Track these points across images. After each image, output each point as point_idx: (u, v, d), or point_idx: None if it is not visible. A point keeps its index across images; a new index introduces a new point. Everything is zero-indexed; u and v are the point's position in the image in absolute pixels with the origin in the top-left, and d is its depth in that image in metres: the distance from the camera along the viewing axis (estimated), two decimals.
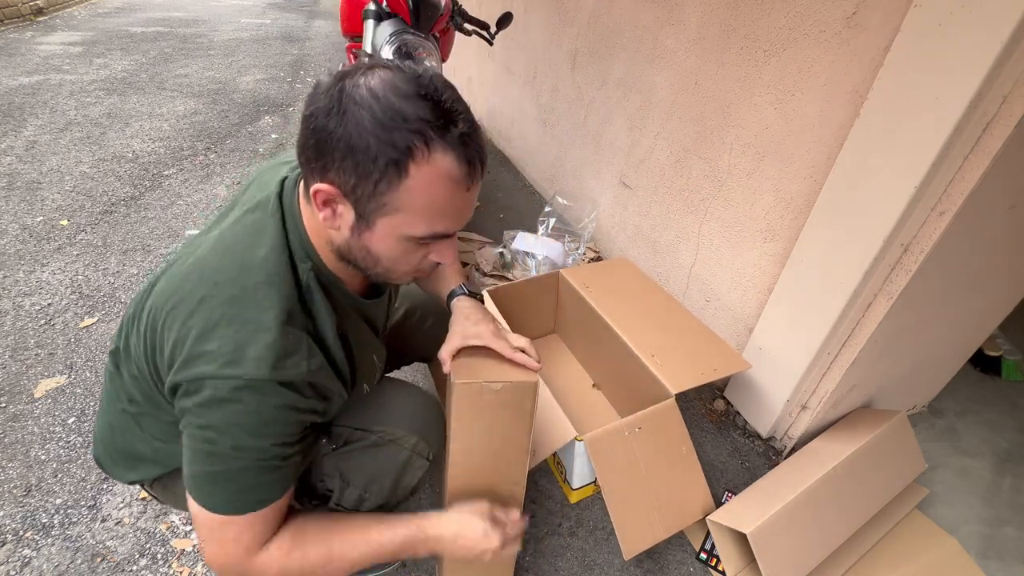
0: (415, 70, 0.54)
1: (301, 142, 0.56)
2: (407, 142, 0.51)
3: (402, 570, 1.11)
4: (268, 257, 0.60)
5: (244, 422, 0.57)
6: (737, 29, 1.29)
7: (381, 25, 1.61)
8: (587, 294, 1.41)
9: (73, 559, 1.09)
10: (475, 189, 0.59)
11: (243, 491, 0.60)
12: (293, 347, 0.58)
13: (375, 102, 0.51)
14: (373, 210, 0.55)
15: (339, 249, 0.62)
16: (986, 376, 1.79)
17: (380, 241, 0.59)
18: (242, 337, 0.56)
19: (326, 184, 0.55)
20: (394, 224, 0.57)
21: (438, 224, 0.58)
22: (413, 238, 0.58)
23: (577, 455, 1.17)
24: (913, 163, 0.93)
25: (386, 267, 0.63)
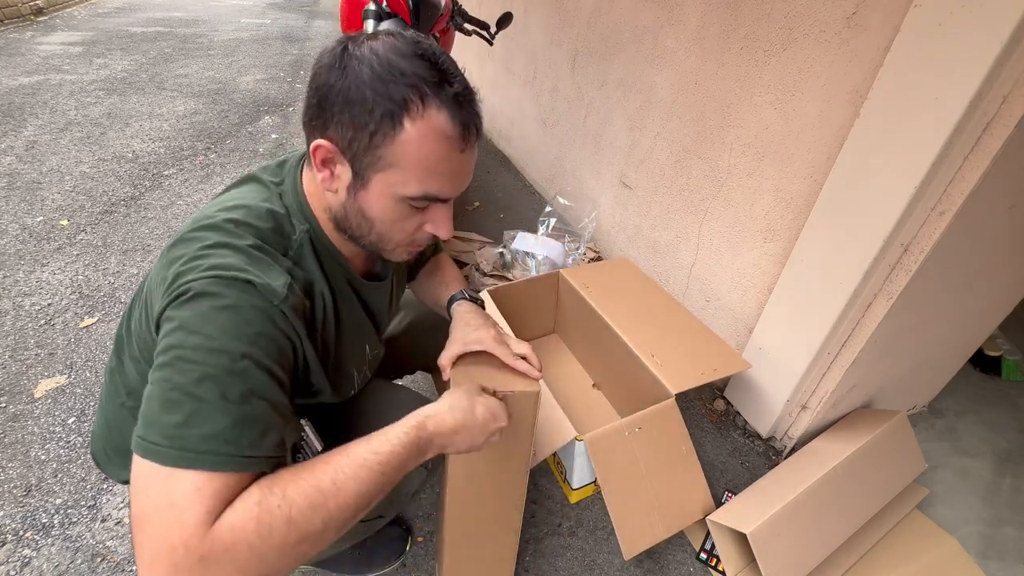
0: (416, 36, 0.57)
1: (306, 103, 0.58)
2: (403, 95, 0.53)
3: (402, 570, 1.11)
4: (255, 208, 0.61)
5: (212, 316, 0.50)
6: (737, 29, 1.29)
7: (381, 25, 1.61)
8: (587, 294, 1.41)
9: (73, 559, 1.09)
10: (469, 153, 0.59)
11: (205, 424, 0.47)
12: (273, 274, 0.56)
13: (374, 58, 0.53)
14: (368, 165, 0.56)
15: (336, 216, 0.63)
16: (986, 376, 1.79)
17: (375, 201, 0.59)
18: (218, 254, 0.54)
19: (325, 140, 0.56)
20: (389, 181, 0.57)
21: (432, 183, 0.58)
22: (407, 198, 0.58)
23: (577, 455, 1.17)
24: (913, 163, 0.93)
25: (380, 233, 0.62)
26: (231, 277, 0.52)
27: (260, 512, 0.46)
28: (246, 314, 0.51)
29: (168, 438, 0.46)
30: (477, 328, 0.79)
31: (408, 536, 1.15)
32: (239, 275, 0.52)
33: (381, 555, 1.10)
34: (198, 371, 0.48)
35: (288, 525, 0.47)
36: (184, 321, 0.50)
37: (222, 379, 0.48)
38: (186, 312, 0.51)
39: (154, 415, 0.48)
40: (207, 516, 0.44)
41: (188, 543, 0.42)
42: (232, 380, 0.49)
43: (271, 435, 0.51)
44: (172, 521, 0.43)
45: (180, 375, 0.48)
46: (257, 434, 0.49)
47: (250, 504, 0.46)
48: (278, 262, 0.58)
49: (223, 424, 0.47)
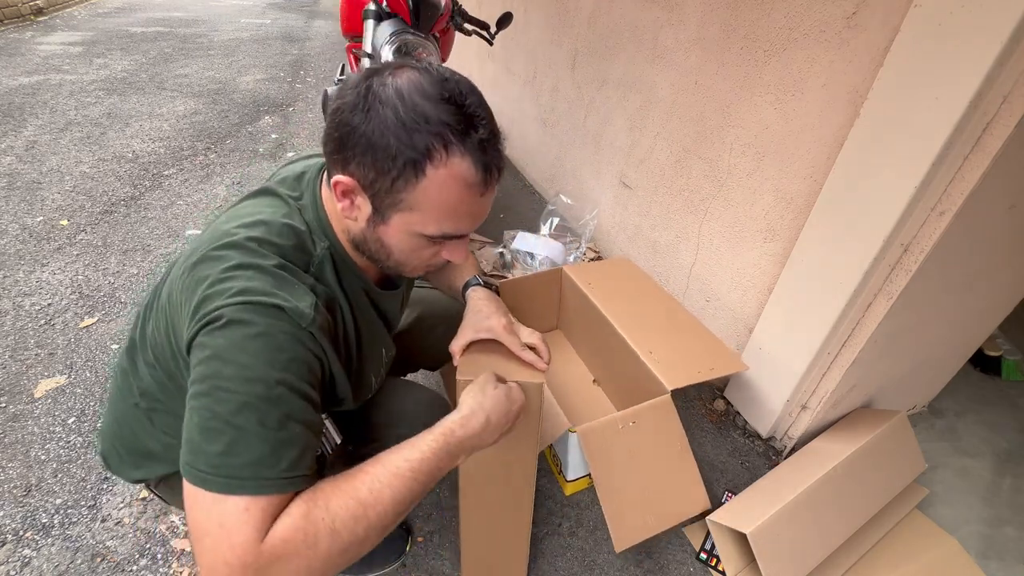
0: (442, 73, 0.56)
1: (327, 134, 0.57)
2: (426, 143, 0.53)
3: (402, 570, 1.11)
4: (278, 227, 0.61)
5: (247, 345, 0.52)
6: (737, 29, 1.29)
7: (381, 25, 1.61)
8: (589, 291, 1.42)
9: (73, 559, 1.09)
10: (490, 194, 0.60)
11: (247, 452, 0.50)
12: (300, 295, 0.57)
13: (399, 102, 0.52)
14: (389, 205, 0.57)
15: (354, 239, 0.64)
16: (986, 376, 1.79)
17: (393, 235, 0.60)
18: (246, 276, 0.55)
19: (346, 176, 0.56)
20: (407, 221, 0.58)
21: (449, 225, 0.59)
22: (424, 236, 0.60)
23: (571, 447, 1.18)
24: (913, 163, 0.93)
25: (398, 260, 0.64)
26: (260, 303, 0.53)
27: (306, 525, 0.50)
28: (278, 340, 0.53)
29: (213, 467, 0.49)
30: (488, 316, 0.80)
31: (408, 536, 1.15)
32: (268, 300, 0.53)
33: (381, 555, 1.10)
34: (236, 400, 0.50)
35: (332, 536, 0.51)
36: (218, 350, 0.52)
37: (259, 407, 0.51)
38: (219, 340, 0.52)
39: (197, 443, 0.51)
40: (256, 534, 0.48)
41: (242, 558, 0.47)
42: (269, 407, 0.51)
43: (308, 454, 0.54)
44: (224, 540, 0.47)
45: (219, 405, 0.51)
46: (295, 456, 0.52)
47: (297, 518, 0.50)
48: (302, 280, 0.59)
49: (263, 451, 0.50)
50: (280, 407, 0.52)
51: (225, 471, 0.49)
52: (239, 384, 0.51)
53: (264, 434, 0.51)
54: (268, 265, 0.57)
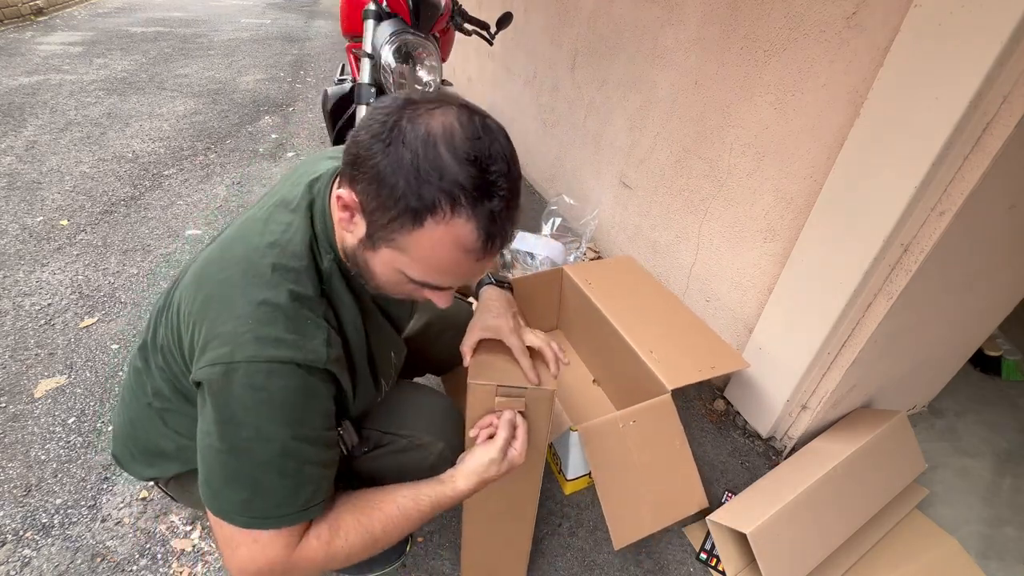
0: (480, 127, 0.52)
1: (346, 147, 0.56)
2: (433, 198, 0.50)
3: (402, 570, 1.11)
4: (289, 243, 0.61)
5: (261, 410, 0.55)
6: (737, 29, 1.29)
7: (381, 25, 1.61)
8: (589, 290, 1.42)
9: (73, 559, 1.09)
10: (488, 260, 0.57)
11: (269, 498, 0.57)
12: (312, 331, 0.59)
13: (421, 148, 0.49)
14: (381, 238, 0.56)
15: (346, 250, 0.63)
16: (986, 376, 1.79)
17: (379, 265, 0.59)
18: (258, 317, 0.56)
19: (349, 192, 0.56)
20: (395, 259, 0.57)
21: (435, 277, 0.58)
22: (405, 277, 0.59)
23: (572, 446, 1.18)
24: (913, 163, 0.93)
25: (379, 284, 0.63)
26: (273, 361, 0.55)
27: (328, 549, 0.62)
28: (291, 401, 0.57)
29: (239, 510, 0.58)
30: (496, 316, 0.80)
31: (408, 536, 1.15)
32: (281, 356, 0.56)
33: (381, 555, 1.09)
34: (255, 459, 0.57)
35: (347, 557, 0.64)
36: (233, 413, 0.56)
37: (277, 463, 0.57)
38: (232, 403, 0.56)
39: (219, 490, 0.58)
40: (286, 549, 0.59)
41: (274, 566, 0.59)
42: (286, 460, 0.58)
43: (324, 484, 0.62)
44: (259, 553, 0.58)
45: (238, 462, 0.57)
46: (313, 491, 0.60)
47: (321, 542, 0.62)
48: (315, 311, 0.60)
49: (283, 496, 0.58)
50: (297, 458, 0.58)
51: (250, 512, 0.57)
52: (257, 444, 0.56)
53: (284, 483, 0.58)
54: (282, 301, 0.57)
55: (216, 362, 0.55)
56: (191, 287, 0.61)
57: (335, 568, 0.64)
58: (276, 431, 0.56)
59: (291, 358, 0.56)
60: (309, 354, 0.57)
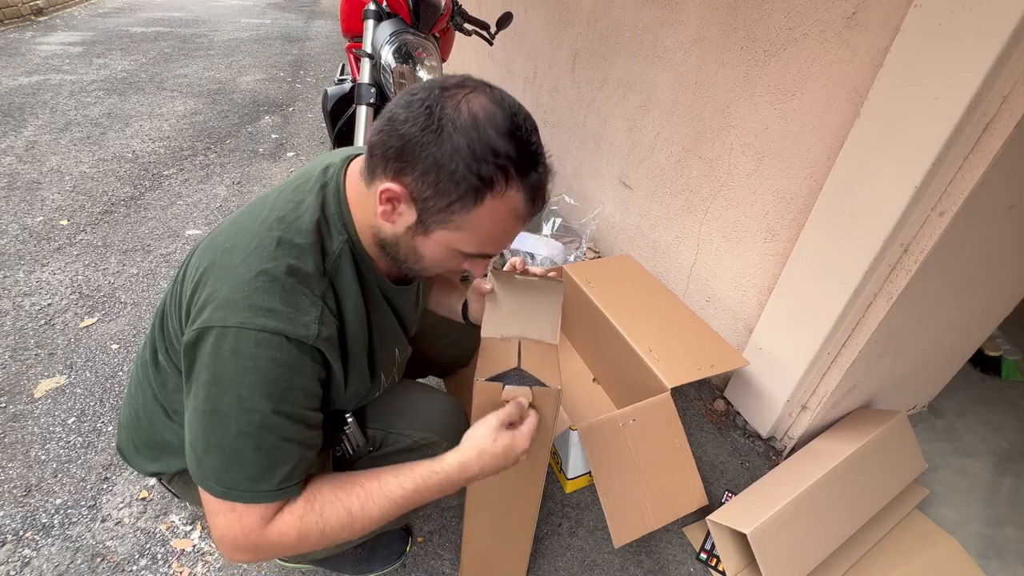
0: (511, 104, 0.57)
1: (381, 140, 0.57)
2: (491, 176, 0.55)
3: (402, 570, 1.11)
4: (297, 220, 0.62)
5: (246, 377, 0.56)
6: (737, 29, 1.29)
7: (381, 25, 1.61)
8: (589, 290, 1.42)
9: (73, 559, 1.09)
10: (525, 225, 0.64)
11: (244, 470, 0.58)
12: (306, 307, 0.59)
13: (473, 132, 0.54)
14: (436, 222, 0.59)
15: (384, 240, 0.65)
16: (986, 376, 1.79)
17: (430, 247, 0.62)
18: (255, 286, 0.57)
19: (397, 185, 0.57)
20: (450, 238, 0.60)
21: (488, 247, 0.63)
22: (460, 252, 0.63)
23: (572, 444, 1.18)
24: (913, 163, 0.93)
25: (425, 266, 0.66)
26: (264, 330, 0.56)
27: (301, 525, 0.61)
28: (276, 374, 0.57)
29: (216, 479, 0.58)
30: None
31: (408, 536, 1.15)
32: (271, 326, 0.56)
33: (381, 556, 1.10)
34: (234, 427, 0.57)
35: (320, 536, 0.62)
36: (218, 376, 0.56)
37: (255, 434, 0.57)
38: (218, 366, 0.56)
39: (199, 456, 0.59)
40: (261, 522, 0.60)
41: (247, 536, 0.59)
42: (264, 433, 0.58)
43: (301, 465, 0.61)
44: (235, 521, 0.59)
45: (219, 427, 0.57)
46: (288, 470, 0.60)
47: (295, 518, 0.61)
48: (312, 289, 0.61)
49: (258, 470, 0.58)
50: (275, 432, 0.58)
51: (225, 483, 0.58)
52: (237, 413, 0.56)
53: (259, 457, 0.58)
54: (280, 273, 0.58)
55: (210, 324, 0.56)
56: (198, 257, 0.63)
57: (309, 546, 0.62)
58: (257, 402, 0.56)
59: (281, 329, 0.56)
60: (300, 328, 0.57)
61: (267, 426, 0.57)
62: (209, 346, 0.56)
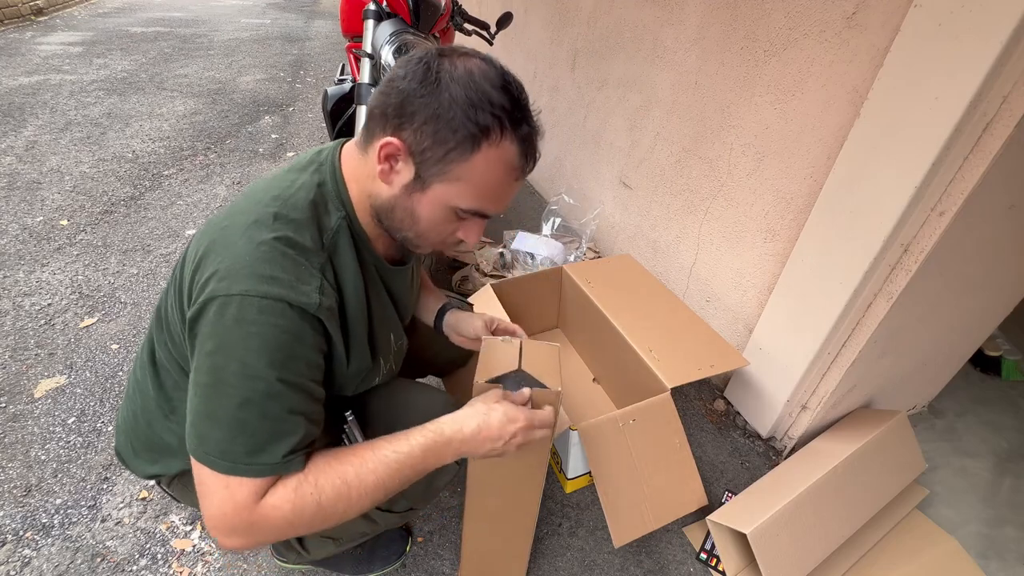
0: (502, 66, 0.61)
1: (381, 100, 0.60)
2: (487, 123, 0.57)
3: (402, 570, 1.11)
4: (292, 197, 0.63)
5: (250, 343, 0.55)
6: (737, 29, 1.29)
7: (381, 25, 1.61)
8: (589, 290, 1.42)
9: (73, 559, 1.09)
10: (520, 183, 0.66)
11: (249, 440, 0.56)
12: (306, 277, 0.59)
13: (470, 82, 0.57)
14: (434, 174, 0.60)
15: (380, 206, 0.65)
16: (986, 376, 1.79)
17: (427, 205, 0.62)
18: (257, 255, 0.57)
19: (396, 139, 0.59)
20: (447, 192, 0.61)
21: (484, 202, 0.63)
22: (457, 209, 0.63)
23: (572, 444, 1.18)
24: (913, 163, 0.93)
25: (420, 231, 0.65)
26: (266, 296, 0.56)
27: (296, 498, 0.58)
28: (280, 340, 0.56)
29: (219, 452, 0.56)
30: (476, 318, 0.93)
31: (408, 536, 1.15)
32: (274, 292, 0.56)
33: (382, 555, 1.10)
34: (239, 396, 0.56)
35: (317, 508, 0.59)
36: (222, 344, 0.56)
37: (259, 403, 0.56)
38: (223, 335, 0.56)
39: (202, 429, 0.57)
40: (254, 497, 0.57)
41: (240, 514, 0.56)
42: (269, 402, 0.57)
43: (304, 439, 0.60)
44: (228, 499, 0.56)
45: (223, 398, 0.56)
46: (293, 443, 0.58)
47: (289, 490, 0.58)
48: (310, 261, 0.60)
49: (262, 441, 0.57)
50: (279, 401, 0.57)
51: (230, 457, 0.56)
52: (241, 381, 0.55)
53: (264, 426, 0.56)
54: (280, 244, 0.58)
55: (213, 295, 0.56)
56: (196, 241, 0.63)
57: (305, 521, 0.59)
58: (262, 369, 0.55)
59: (283, 296, 0.56)
60: (301, 296, 0.57)
61: (272, 394, 0.56)
62: (212, 315, 0.56)
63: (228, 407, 0.56)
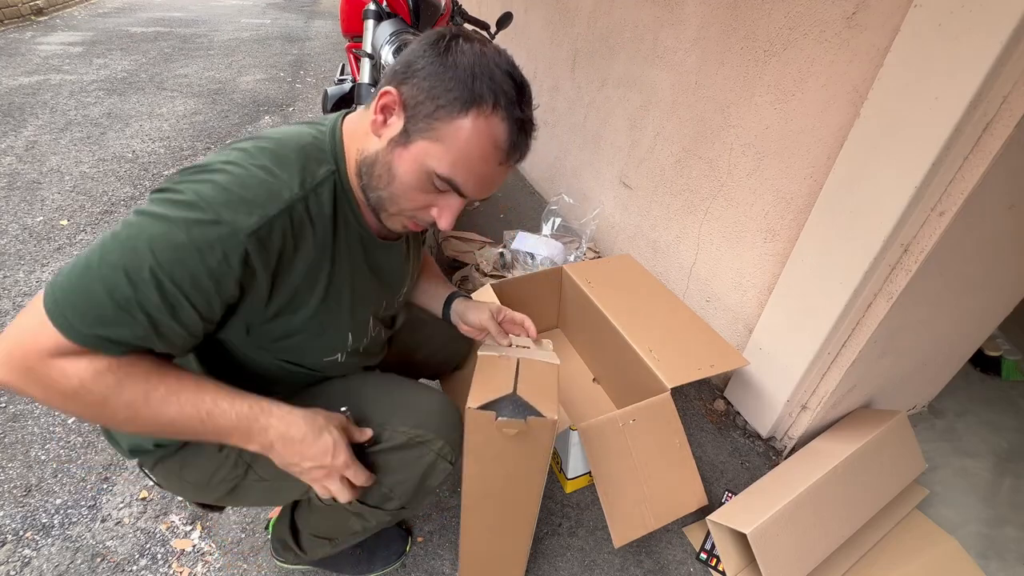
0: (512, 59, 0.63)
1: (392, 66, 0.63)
2: (482, 92, 0.58)
3: (402, 570, 1.11)
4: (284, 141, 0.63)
5: (155, 227, 0.53)
6: (737, 29, 1.29)
7: (381, 25, 1.61)
8: (589, 290, 1.42)
9: (73, 559, 1.09)
10: (504, 170, 0.65)
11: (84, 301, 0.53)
12: (261, 201, 0.57)
13: (478, 56, 0.59)
14: (419, 129, 0.60)
15: (364, 160, 0.65)
16: (986, 376, 1.79)
17: (406, 163, 0.62)
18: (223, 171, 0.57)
19: (395, 90, 0.61)
20: (427, 151, 0.61)
21: (461, 173, 0.62)
22: (432, 173, 0.61)
23: (572, 444, 1.18)
24: (913, 163, 0.93)
25: (393, 192, 0.64)
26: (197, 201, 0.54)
27: (89, 380, 0.54)
28: (180, 242, 0.53)
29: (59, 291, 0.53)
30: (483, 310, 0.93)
31: (408, 536, 1.15)
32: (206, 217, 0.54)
33: (382, 555, 1.10)
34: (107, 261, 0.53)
35: (101, 403, 0.56)
36: (138, 220, 0.55)
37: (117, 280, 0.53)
38: (143, 216, 0.55)
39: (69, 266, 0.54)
40: (53, 351, 0.53)
41: (28, 354, 0.53)
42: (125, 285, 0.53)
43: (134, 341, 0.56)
44: (31, 333, 0.53)
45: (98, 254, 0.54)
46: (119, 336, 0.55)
47: (88, 370, 0.54)
48: (282, 192, 0.58)
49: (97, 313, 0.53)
50: (135, 290, 0.53)
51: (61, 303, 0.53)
52: (119, 250, 0.53)
53: (104, 301, 0.53)
54: (256, 169, 0.58)
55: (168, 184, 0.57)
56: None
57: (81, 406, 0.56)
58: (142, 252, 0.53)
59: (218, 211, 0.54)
60: (239, 215, 0.55)
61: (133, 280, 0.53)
62: (151, 198, 0.57)
63: (93, 262, 0.53)
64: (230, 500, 0.82)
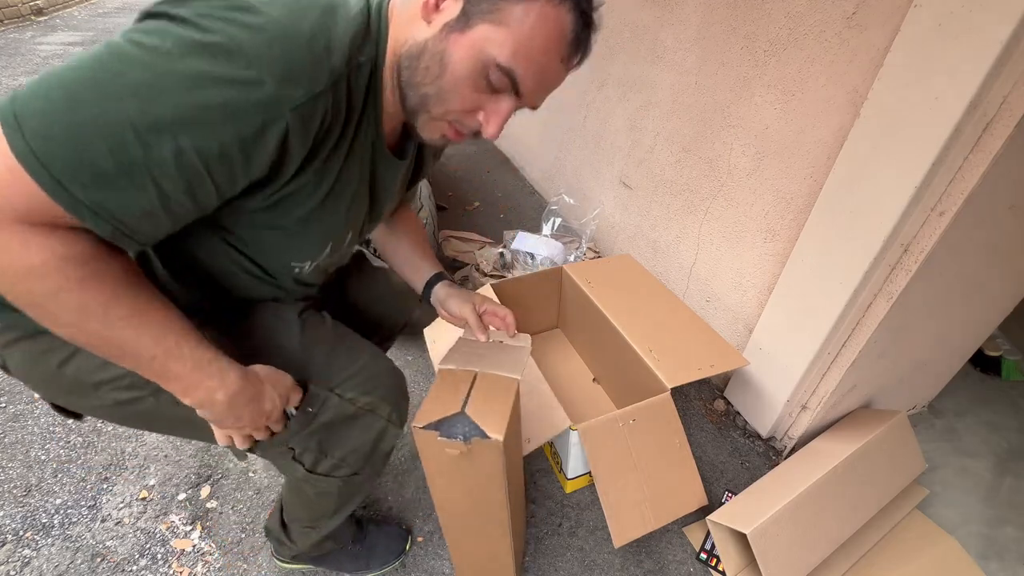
0: None
1: None
2: None
3: (401, 570, 1.11)
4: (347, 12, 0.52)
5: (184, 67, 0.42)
6: (737, 29, 1.29)
7: None
8: (589, 289, 1.42)
9: (73, 559, 1.09)
10: (564, 69, 0.59)
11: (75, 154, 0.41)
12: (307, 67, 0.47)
13: None
14: (482, 11, 0.53)
15: (408, 50, 0.57)
16: (986, 376, 1.79)
17: (464, 49, 0.55)
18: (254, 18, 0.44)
19: None
20: (489, 37, 0.54)
21: (522, 63, 0.55)
22: (492, 63, 0.55)
23: (572, 444, 1.18)
24: (913, 163, 0.93)
25: (441, 87, 0.57)
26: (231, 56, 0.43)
27: (52, 265, 0.44)
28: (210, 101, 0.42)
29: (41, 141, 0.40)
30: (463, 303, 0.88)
31: (408, 536, 1.15)
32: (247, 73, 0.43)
33: (381, 555, 1.10)
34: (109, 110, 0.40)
35: (48, 296, 0.45)
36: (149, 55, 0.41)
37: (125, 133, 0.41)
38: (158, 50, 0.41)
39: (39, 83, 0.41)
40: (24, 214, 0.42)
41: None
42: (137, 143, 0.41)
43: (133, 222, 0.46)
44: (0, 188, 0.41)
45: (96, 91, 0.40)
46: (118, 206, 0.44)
47: (56, 254, 0.44)
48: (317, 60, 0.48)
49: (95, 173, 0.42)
50: (148, 154, 0.42)
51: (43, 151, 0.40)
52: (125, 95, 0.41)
53: (105, 159, 0.41)
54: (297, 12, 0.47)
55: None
56: None
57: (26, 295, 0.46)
58: (161, 103, 0.41)
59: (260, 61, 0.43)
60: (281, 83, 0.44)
61: (142, 141, 0.41)
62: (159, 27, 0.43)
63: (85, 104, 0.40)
64: (109, 415, 0.70)
